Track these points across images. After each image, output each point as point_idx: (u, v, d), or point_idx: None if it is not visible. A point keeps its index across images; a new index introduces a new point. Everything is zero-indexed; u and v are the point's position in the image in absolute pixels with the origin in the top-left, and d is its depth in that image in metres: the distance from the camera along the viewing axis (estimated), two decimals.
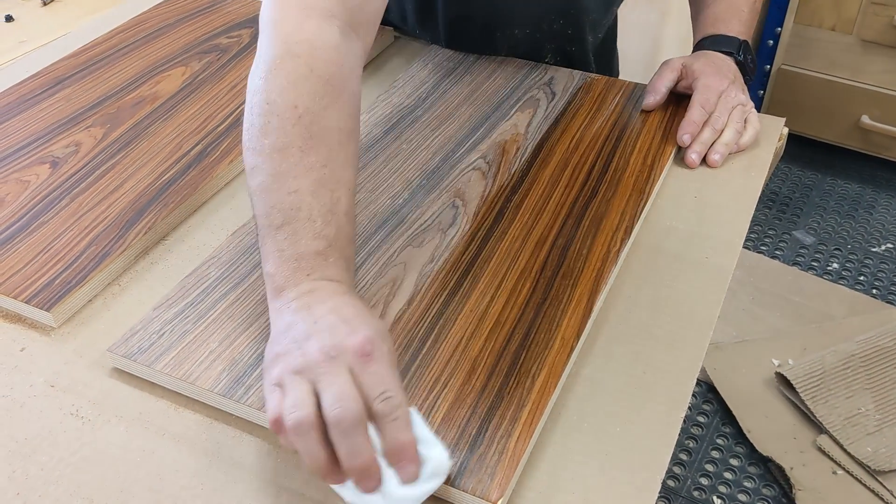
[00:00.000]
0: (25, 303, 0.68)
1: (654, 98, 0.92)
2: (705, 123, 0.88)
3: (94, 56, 1.01)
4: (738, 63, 0.93)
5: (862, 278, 1.92)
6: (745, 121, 0.89)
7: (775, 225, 2.08)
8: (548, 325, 0.66)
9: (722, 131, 0.88)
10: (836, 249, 2.00)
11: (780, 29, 2.12)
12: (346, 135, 0.64)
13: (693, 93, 0.89)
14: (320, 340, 0.53)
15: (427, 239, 0.74)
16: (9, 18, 1.29)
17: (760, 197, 0.85)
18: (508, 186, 0.81)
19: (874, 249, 2.00)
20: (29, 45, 1.21)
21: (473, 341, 0.64)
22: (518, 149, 0.86)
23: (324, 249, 0.59)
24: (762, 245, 2.01)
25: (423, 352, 0.64)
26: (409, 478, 0.52)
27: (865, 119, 2.13)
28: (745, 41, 0.94)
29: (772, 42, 2.15)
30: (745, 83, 0.93)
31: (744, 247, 0.75)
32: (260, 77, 0.64)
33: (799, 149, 2.28)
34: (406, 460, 0.52)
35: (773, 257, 1.96)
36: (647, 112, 0.92)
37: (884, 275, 1.93)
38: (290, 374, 0.53)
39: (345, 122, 0.64)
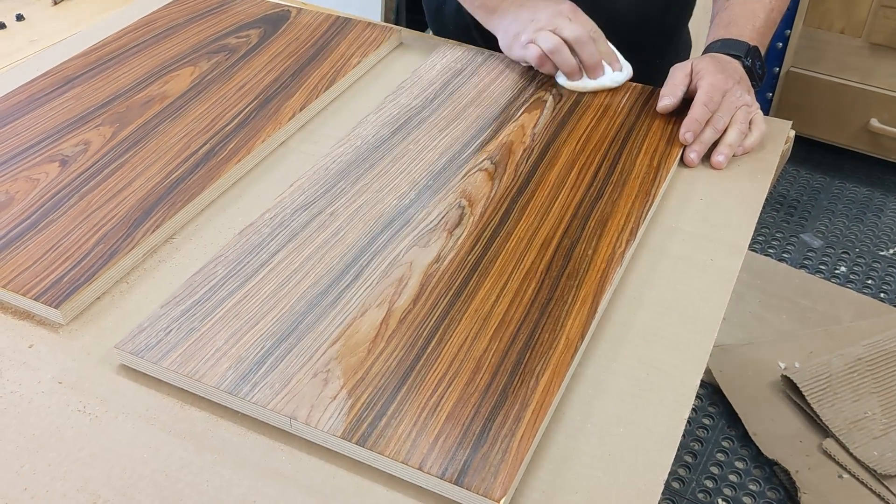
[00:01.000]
0: (34, 300, 0.68)
1: (670, 101, 0.91)
2: (707, 122, 0.88)
3: (103, 55, 1.02)
4: (745, 68, 0.92)
5: (870, 282, 1.91)
6: (751, 122, 0.89)
7: (783, 228, 2.07)
8: (552, 326, 0.66)
9: (724, 131, 0.88)
10: (843, 253, 2.00)
11: (789, 31, 2.12)
12: None
13: (697, 92, 0.89)
14: (545, 12, 0.94)
15: (433, 239, 0.75)
16: (19, 17, 1.30)
17: (768, 200, 0.85)
18: (515, 187, 0.81)
19: (882, 253, 2.00)
20: (39, 45, 1.22)
21: (478, 340, 0.65)
22: (525, 150, 0.86)
23: None
24: (770, 248, 2.01)
25: (429, 350, 0.64)
26: (617, 68, 0.96)
27: (874, 122, 2.13)
28: (754, 47, 0.94)
29: (781, 44, 2.15)
30: (753, 88, 0.93)
31: (751, 249, 0.76)
32: None
33: (807, 152, 2.28)
34: (614, 59, 0.96)
35: (780, 260, 1.96)
36: (652, 114, 0.92)
37: (892, 279, 1.92)
38: (535, 33, 0.93)
39: None
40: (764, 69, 0.96)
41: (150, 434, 0.60)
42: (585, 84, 0.94)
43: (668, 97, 0.91)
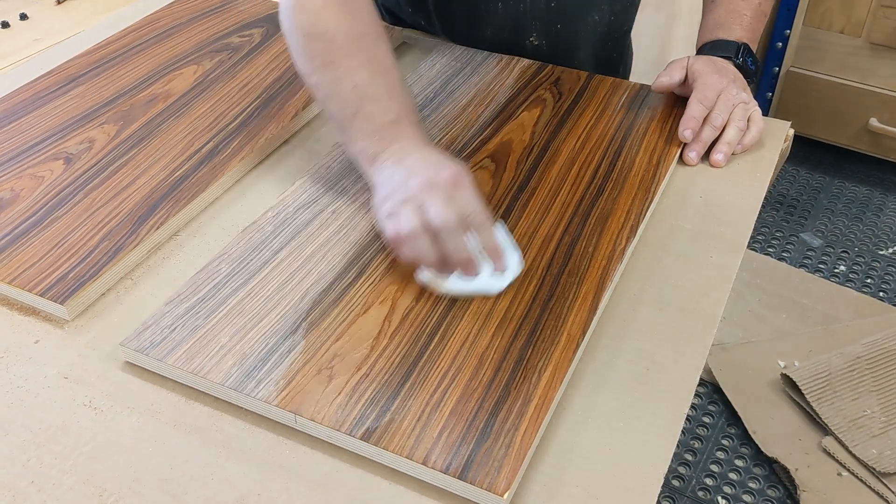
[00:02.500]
0: (40, 296, 0.69)
1: (667, 80, 0.92)
2: (705, 121, 0.88)
3: (107, 54, 1.03)
4: (737, 66, 0.93)
5: (869, 281, 1.92)
6: (749, 119, 0.89)
7: (783, 227, 2.08)
8: (554, 322, 0.67)
9: (723, 129, 0.88)
10: (843, 252, 2.00)
11: (789, 31, 2.12)
12: (374, 37, 0.78)
13: (692, 91, 0.89)
14: (419, 177, 0.70)
15: None
16: (23, 17, 1.31)
17: (768, 199, 0.85)
18: (515, 185, 0.82)
19: (882, 252, 2.00)
20: (43, 44, 1.22)
21: (481, 337, 0.65)
22: (525, 148, 0.87)
23: (396, 118, 0.75)
24: (769, 247, 2.01)
25: (432, 347, 0.64)
26: (501, 268, 0.70)
27: (874, 122, 2.13)
28: (744, 44, 0.94)
29: (781, 44, 2.15)
30: (749, 85, 0.93)
31: (751, 249, 0.76)
32: (289, 19, 0.79)
33: (807, 151, 2.28)
34: (497, 256, 0.70)
35: (780, 259, 1.96)
36: (652, 112, 0.93)
37: (891, 278, 1.93)
38: (399, 205, 0.69)
39: (370, 28, 0.78)
40: (758, 64, 0.96)
41: (155, 428, 0.61)
42: (452, 286, 0.69)
43: (665, 76, 0.92)
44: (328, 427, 0.59)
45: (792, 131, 0.94)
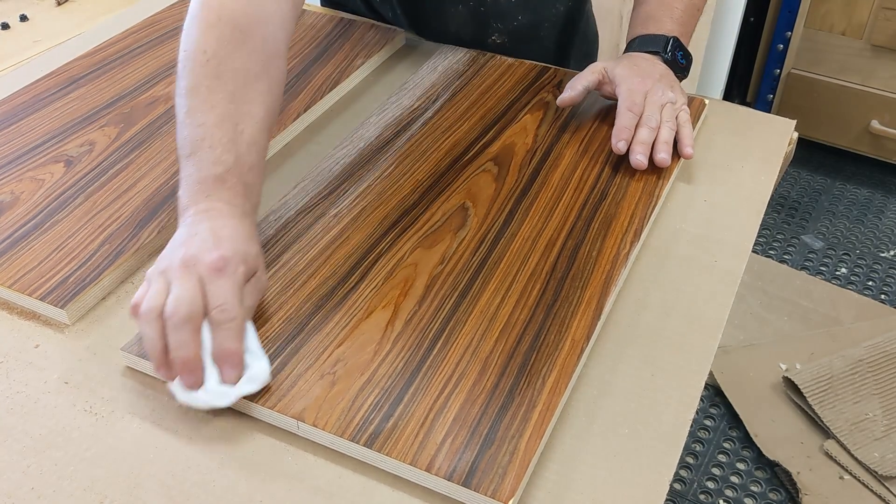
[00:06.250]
0: (40, 300, 0.69)
1: (569, 94, 0.89)
2: (639, 124, 0.85)
3: (108, 56, 1.02)
4: (666, 62, 0.90)
5: (870, 283, 1.91)
6: (677, 120, 0.86)
7: (784, 229, 2.07)
8: (558, 327, 0.66)
9: (658, 129, 0.85)
10: (844, 254, 2.00)
11: (790, 33, 2.12)
12: (253, 75, 0.71)
13: (618, 99, 0.87)
14: (186, 250, 0.62)
15: (438, 240, 0.75)
16: (23, 18, 1.31)
17: (770, 201, 0.85)
18: (518, 188, 0.81)
19: (883, 255, 2.00)
20: (43, 45, 1.22)
21: (484, 342, 0.65)
22: (528, 151, 0.86)
23: (222, 174, 0.66)
24: (771, 249, 2.01)
25: (435, 352, 0.64)
26: (229, 380, 0.60)
27: (875, 124, 2.13)
28: (673, 38, 0.92)
29: (782, 46, 2.15)
30: (681, 80, 0.91)
31: (753, 251, 0.76)
32: (184, 30, 0.73)
33: (809, 153, 2.28)
34: (229, 365, 0.60)
35: (781, 262, 1.96)
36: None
37: (892, 280, 1.92)
38: (156, 273, 0.62)
39: (252, 64, 0.72)
40: (689, 58, 0.93)
41: (156, 434, 0.60)
42: (174, 392, 0.60)
43: (568, 90, 0.89)
44: (331, 433, 0.58)
45: (796, 134, 0.94)
